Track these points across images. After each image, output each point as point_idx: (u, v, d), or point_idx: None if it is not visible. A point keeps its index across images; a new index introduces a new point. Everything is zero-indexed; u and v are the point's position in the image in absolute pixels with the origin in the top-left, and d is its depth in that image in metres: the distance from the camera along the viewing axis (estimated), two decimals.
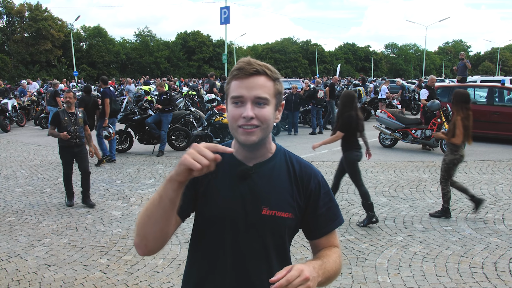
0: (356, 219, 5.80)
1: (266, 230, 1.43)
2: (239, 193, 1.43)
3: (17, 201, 6.83)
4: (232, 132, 1.41)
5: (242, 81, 1.36)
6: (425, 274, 4.22)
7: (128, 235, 5.33)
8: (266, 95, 1.36)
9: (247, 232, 1.43)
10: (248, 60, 1.39)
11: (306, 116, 15.96)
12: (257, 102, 1.36)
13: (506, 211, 6.07)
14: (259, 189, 1.43)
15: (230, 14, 24.79)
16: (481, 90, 13.49)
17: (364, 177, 8.11)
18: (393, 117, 11.22)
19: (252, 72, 1.36)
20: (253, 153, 1.45)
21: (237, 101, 1.37)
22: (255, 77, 1.36)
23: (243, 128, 1.35)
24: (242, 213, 1.42)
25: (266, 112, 1.37)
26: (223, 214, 1.42)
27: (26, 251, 4.86)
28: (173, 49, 66.74)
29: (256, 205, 1.42)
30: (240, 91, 1.36)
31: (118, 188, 7.54)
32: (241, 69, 1.37)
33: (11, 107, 16.14)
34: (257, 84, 1.36)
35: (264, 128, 1.38)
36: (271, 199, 1.43)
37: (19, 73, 48.59)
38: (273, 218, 1.42)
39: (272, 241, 1.45)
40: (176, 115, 11.33)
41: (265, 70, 1.38)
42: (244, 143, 1.38)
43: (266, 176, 1.45)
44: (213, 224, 1.45)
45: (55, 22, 55.54)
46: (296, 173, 1.49)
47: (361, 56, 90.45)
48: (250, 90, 1.35)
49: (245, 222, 1.42)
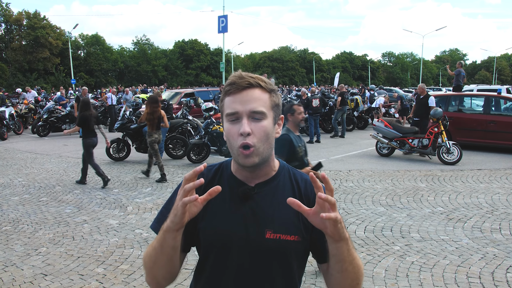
0: (353, 229, 5.80)
1: (271, 255, 1.33)
2: (240, 216, 1.33)
3: (13, 209, 6.80)
4: (232, 154, 1.33)
5: (235, 96, 1.29)
6: (423, 284, 4.22)
7: (125, 244, 5.31)
8: (262, 108, 1.29)
9: (250, 258, 1.33)
10: (240, 74, 1.32)
11: (304, 125, 16.00)
12: (253, 117, 1.28)
13: (503, 221, 6.08)
14: (262, 211, 1.34)
15: (228, 23, 24.93)
16: (478, 99, 13.55)
17: (361, 186, 8.13)
18: (390, 126, 11.25)
19: (245, 85, 1.28)
20: (255, 173, 1.36)
21: (233, 118, 1.29)
22: (249, 90, 1.29)
23: (241, 149, 1.27)
24: (244, 238, 1.32)
25: (264, 126, 1.29)
26: (223, 239, 1.34)
27: (22, 260, 4.83)
28: (170, 57, 66.88)
29: (259, 228, 1.32)
30: (234, 106, 1.28)
31: (115, 197, 7.52)
32: (233, 84, 1.30)
33: (8, 115, 16.12)
34: (251, 98, 1.28)
35: (263, 148, 1.29)
36: (275, 221, 1.33)
37: (17, 81, 48.53)
38: (278, 242, 1.32)
39: (278, 266, 1.34)
40: (174, 123, 11.35)
41: (258, 82, 1.30)
42: (245, 165, 1.30)
43: (269, 196, 1.36)
44: (213, 250, 1.36)
45: (53, 30, 55.56)
46: (301, 191, 1.39)
47: (358, 64, 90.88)
48: (245, 104, 1.27)
49: (247, 247, 1.32)
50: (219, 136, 10.73)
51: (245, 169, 1.35)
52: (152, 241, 1.37)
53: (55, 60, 54.07)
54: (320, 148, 12.86)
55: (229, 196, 1.36)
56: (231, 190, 1.37)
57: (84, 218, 6.37)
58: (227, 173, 1.41)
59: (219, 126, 10.70)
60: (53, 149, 13.31)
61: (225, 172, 1.42)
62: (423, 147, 10.77)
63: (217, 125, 10.75)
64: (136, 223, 6.11)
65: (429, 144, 10.61)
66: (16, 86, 39.24)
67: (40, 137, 16.01)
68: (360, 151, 12.45)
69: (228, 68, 53.81)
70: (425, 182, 8.44)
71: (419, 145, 10.85)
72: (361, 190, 7.84)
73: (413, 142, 10.93)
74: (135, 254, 4.99)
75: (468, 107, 13.35)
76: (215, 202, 1.33)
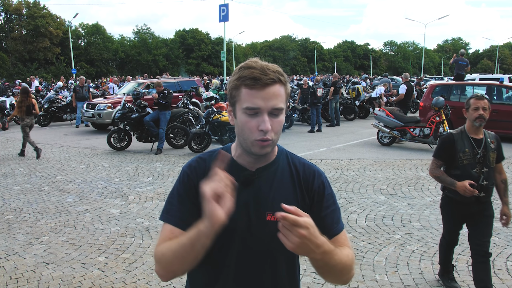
0: (354, 217, 5.81)
1: (272, 237, 1.32)
2: (241, 201, 1.33)
3: (15, 199, 6.82)
4: (244, 143, 1.34)
5: (258, 92, 1.28)
6: (423, 272, 4.23)
7: (126, 233, 5.33)
8: (282, 105, 1.31)
9: (251, 240, 1.36)
10: (262, 67, 1.29)
11: (305, 114, 15.99)
12: (273, 113, 1.29)
13: None
14: (262, 195, 1.37)
15: (228, 12, 24.77)
16: (480, 88, 13.49)
17: (362, 175, 8.13)
18: (392, 115, 11.22)
19: (269, 82, 1.28)
20: (259, 158, 1.38)
21: (252, 112, 1.29)
22: (271, 86, 1.29)
23: (260, 141, 1.29)
24: (245, 221, 1.35)
25: (281, 122, 1.32)
26: (226, 223, 1.31)
27: (24, 249, 4.85)
28: (171, 46, 66.60)
29: (260, 212, 1.36)
30: (255, 102, 1.28)
31: (117, 186, 7.53)
32: (256, 79, 1.28)
33: (9, 105, 16.11)
34: (273, 95, 1.28)
35: (276, 140, 1.34)
36: (275, 204, 1.33)
37: (17, 70, 48.49)
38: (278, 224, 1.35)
39: (279, 249, 1.32)
40: (175, 113, 11.33)
41: (279, 77, 1.31)
42: (258, 154, 1.33)
43: (269, 180, 1.39)
44: (216, 234, 1.35)
45: (53, 20, 55.35)
46: (299, 174, 1.43)
47: (360, 54, 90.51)
48: (267, 102, 1.28)
49: (249, 230, 1.36)
50: (220, 126, 10.72)
51: (253, 156, 1.37)
52: (162, 232, 1.36)
53: (55, 49, 53.94)
54: (321, 138, 12.85)
55: None
56: (232, 175, 1.34)
57: (86, 207, 6.39)
58: (229, 159, 1.40)
59: (220, 116, 10.68)
60: (54, 138, 13.32)
61: None
62: (424, 136, 10.75)
63: (218, 114, 10.73)
64: (137, 212, 6.13)
65: (430, 133, 10.59)
66: (17, 76, 39.26)
67: (41, 127, 16.03)
68: (361, 140, 12.43)
69: (229, 58, 53.60)
70: (426, 171, 8.44)
71: (420, 134, 10.83)
72: (362, 179, 7.85)
73: (414, 131, 10.91)
74: (137, 243, 5.01)
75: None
76: None
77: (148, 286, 4.00)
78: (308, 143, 11.90)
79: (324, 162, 9.31)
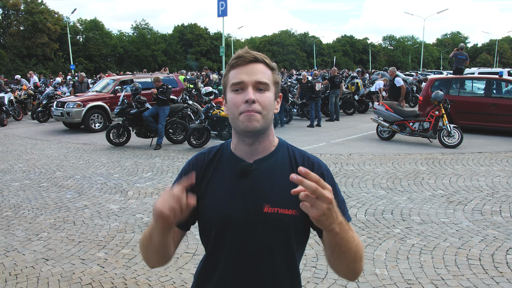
0: (353, 212, 5.81)
1: (269, 229, 1.35)
2: (239, 192, 1.36)
3: (14, 195, 6.81)
4: (233, 122, 1.36)
5: (241, 68, 1.35)
6: (423, 266, 4.23)
7: (126, 229, 5.32)
8: (267, 80, 1.35)
9: (249, 232, 1.36)
10: (246, 49, 1.39)
11: (304, 108, 15.97)
12: (258, 88, 1.33)
13: (503, 203, 6.08)
14: (260, 186, 1.36)
15: (227, 6, 24.63)
16: (479, 82, 13.46)
17: (362, 169, 8.12)
18: (391, 110, 11.20)
19: (251, 59, 1.35)
20: (254, 147, 1.39)
21: (238, 88, 1.34)
22: (254, 64, 1.35)
23: (246, 112, 1.31)
24: (243, 213, 1.35)
25: (267, 97, 1.35)
26: (223, 214, 1.37)
27: (23, 246, 4.85)
28: (170, 42, 66.40)
29: (257, 203, 1.35)
30: (240, 76, 1.34)
31: (116, 182, 7.52)
32: (240, 57, 1.36)
33: (7, 101, 16.07)
34: (257, 70, 1.35)
35: (265, 115, 1.33)
36: (273, 196, 1.35)
37: (16, 66, 48.35)
38: (276, 216, 1.34)
39: (277, 241, 1.37)
40: (174, 108, 11.30)
41: (263, 58, 1.38)
42: (246, 130, 1.32)
43: (267, 172, 1.38)
44: (214, 225, 1.39)
45: (51, 15, 55.13)
46: (299, 166, 1.41)
47: (359, 48, 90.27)
48: (251, 75, 1.33)
49: (246, 222, 1.35)
50: (219, 121, 10.69)
51: (245, 140, 1.38)
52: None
53: (53, 45, 53.78)
54: (320, 132, 12.83)
55: (229, 174, 1.40)
56: (230, 168, 1.41)
57: (85, 203, 6.38)
58: (227, 152, 1.45)
59: (219, 111, 10.66)
60: (53, 134, 13.30)
61: (225, 151, 1.46)
62: (424, 130, 10.74)
63: (217, 110, 10.71)
64: (136, 207, 6.12)
65: (430, 127, 10.58)
66: (15, 72, 39.11)
67: (40, 123, 15.99)
68: (361, 134, 12.42)
69: (228, 53, 53.45)
70: (426, 165, 8.43)
71: (420, 129, 10.81)
72: (361, 173, 7.84)
73: (414, 126, 10.89)
74: (136, 239, 5.00)
75: (469, 90, 13.28)
76: (215, 180, 1.41)
77: (147, 281, 4.00)
78: (308, 137, 11.89)
79: (323, 157, 9.29)
